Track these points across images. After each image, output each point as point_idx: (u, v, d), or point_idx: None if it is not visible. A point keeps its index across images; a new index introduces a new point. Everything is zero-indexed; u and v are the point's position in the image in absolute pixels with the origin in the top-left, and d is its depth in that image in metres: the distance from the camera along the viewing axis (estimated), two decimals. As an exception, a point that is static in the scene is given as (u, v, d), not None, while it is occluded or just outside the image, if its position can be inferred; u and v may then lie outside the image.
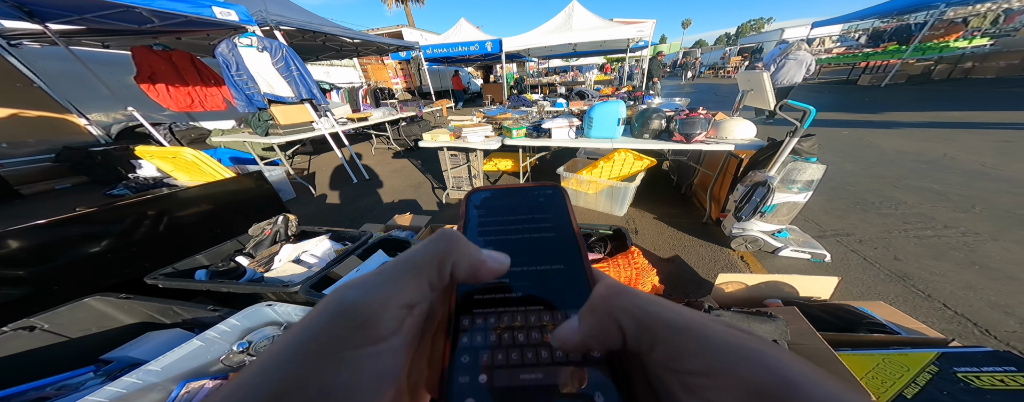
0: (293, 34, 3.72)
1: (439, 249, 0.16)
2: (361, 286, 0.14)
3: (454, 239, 0.17)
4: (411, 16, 24.38)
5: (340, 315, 0.13)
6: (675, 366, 0.13)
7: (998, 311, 1.41)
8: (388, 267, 0.15)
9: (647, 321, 0.14)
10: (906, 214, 2.27)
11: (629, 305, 0.14)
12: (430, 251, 0.16)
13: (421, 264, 0.15)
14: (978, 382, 0.78)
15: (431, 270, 0.15)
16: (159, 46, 3.82)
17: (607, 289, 0.15)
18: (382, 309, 0.13)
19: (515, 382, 0.15)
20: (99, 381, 0.94)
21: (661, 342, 0.13)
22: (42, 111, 4.36)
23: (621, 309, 0.14)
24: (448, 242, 0.16)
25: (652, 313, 0.14)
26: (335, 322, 0.13)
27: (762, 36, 24.57)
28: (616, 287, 0.15)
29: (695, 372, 0.12)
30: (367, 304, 0.13)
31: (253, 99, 3.14)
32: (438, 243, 0.16)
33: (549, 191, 0.25)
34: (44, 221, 1.26)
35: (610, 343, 0.15)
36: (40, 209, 3.56)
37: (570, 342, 0.15)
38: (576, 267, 0.20)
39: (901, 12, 9.04)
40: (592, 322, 0.15)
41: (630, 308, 0.14)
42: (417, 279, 0.15)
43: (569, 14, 6.64)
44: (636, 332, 0.14)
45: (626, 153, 2.28)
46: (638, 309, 0.14)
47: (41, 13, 2.75)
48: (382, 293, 0.14)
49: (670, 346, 0.13)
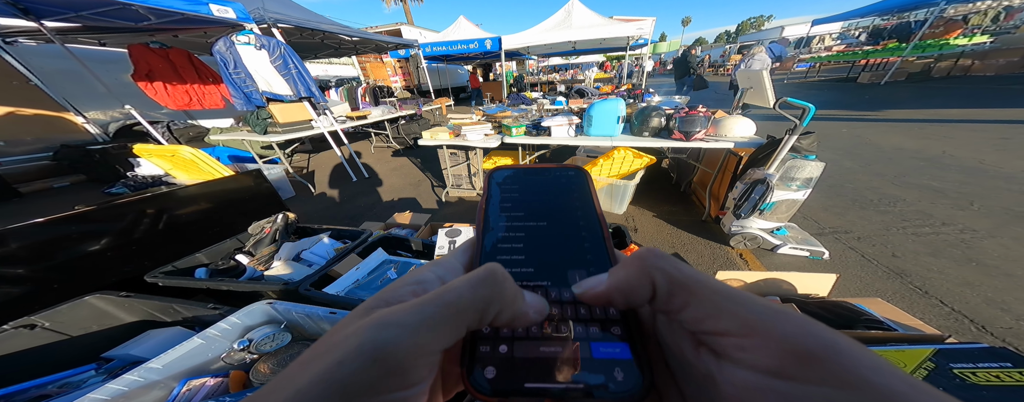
0: (291, 32, 3.69)
1: (483, 295, 0.14)
2: (397, 326, 0.13)
3: (501, 286, 0.15)
4: (410, 14, 24.26)
5: (375, 360, 0.12)
6: (709, 326, 0.13)
7: (995, 307, 1.42)
8: (428, 305, 0.14)
9: (682, 279, 0.14)
10: (904, 211, 2.28)
11: (664, 264, 0.15)
12: (476, 298, 0.14)
13: (464, 309, 0.14)
14: (974, 378, 0.79)
15: (473, 317, 0.14)
16: (156, 44, 3.80)
17: (643, 249, 0.16)
18: (419, 356, 0.12)
19: (535, 354, 0.15)
20: (100, 379, 0.95)
21: (697, 301, 0.13)
22: (39, 109, 4.34)
23: (655, 266, 0.15)
24: (493, 290, 0.15)
25: (687, 273, 0.14)
26: (368, 366, 0.12)
27: (762, 34, 24.50)
28: (652, 248, 0.16)
29: (730, 332, 0.12)
30: (403, 350, 0.12)
31: (251, 97, 3.13)
32: (484, 288, 0.15)
33: (572, 172, 0.24)
34: (43, 219, 1.26)
35: (638, 297, 0.15)
36: (39, 207, 3.55)
37: (594, 291, 0.16)
38: (600, 249, 0.20)
39: (901, 10, 9.01)
40: (623, 275, 0.15)
41: (664, 266, 0.14)
42: (457, 326, 0.14)
43: (569, 11, 6.61)
44: (668, 289, 0.14)
45: (626, 151, 2.28)
46: (673, 268, 0.14)
47: (37, 10, 2.73)
48: (421, 340, 0.13)
49: (706, 305, 0.13)
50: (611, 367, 0.15)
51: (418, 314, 0.13)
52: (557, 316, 0.17)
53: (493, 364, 0.15)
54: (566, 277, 0.18)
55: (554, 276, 0.18)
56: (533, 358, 0.15)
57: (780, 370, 0.11)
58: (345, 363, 0.12)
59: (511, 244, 0.20)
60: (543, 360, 0.15)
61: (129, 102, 3.57)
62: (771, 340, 0.11)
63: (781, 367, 0.11)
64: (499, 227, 0.21)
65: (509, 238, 0.20)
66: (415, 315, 0.13)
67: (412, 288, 0.16)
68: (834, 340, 0.11)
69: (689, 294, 0.13)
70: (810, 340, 0.11)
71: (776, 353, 0.11)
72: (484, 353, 0.15)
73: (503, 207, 0.22)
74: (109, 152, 4.19)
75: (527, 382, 0.14)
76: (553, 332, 0.16)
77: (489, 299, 0.14)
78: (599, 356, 0.15)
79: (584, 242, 0.20)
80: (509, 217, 0.21)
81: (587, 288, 0.16)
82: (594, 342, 0.16)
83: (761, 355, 0.11)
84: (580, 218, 0.21)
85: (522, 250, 0.20)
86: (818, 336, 0.11)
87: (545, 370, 0.15)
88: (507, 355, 0.15)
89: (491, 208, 0.22)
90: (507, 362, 0.15)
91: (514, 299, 0.15)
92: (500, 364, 0.15)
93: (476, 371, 0.15)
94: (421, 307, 0.13)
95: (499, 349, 0.15)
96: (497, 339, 0.16)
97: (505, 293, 0.15)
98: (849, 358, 0.11)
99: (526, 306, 0.16)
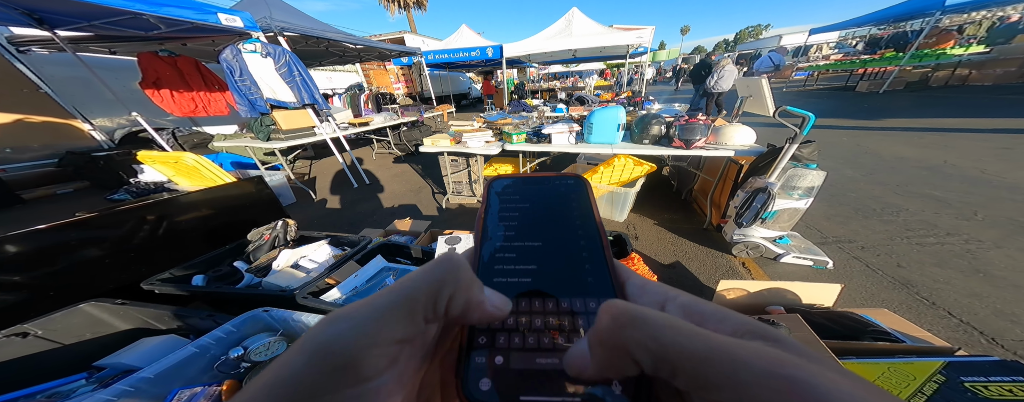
0: (297, 40, 3.77)
1: (435, 278, 0.14)
2: (345, 320, 0.13)
3: (454, 269, 0.15)
4: (413, 22, 24.75)
5: (317, 356, 0.12)
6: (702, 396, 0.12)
7: (1004, 319, 1.39)
8: (380, 297, 0.14)
9: (663, 353, 0.12)
10: (908, 221, 2.26)
11: (642, 337, 0.13)
12: (426, 282, 0.14)
13: (415, 296, 0.14)
14: (986, 392, 0.77)
15: (426, 303, 0.14)
16: (165, 52, 3.88)
17: (614, 320, 0.13)
18: (367, 348, 0.12)
19: (531, 365, 0.15)
20: (91, 388, 0.93)
21: (682, 373, 0.12)
22: (47, 116, 4.41)
23: (633, 342, 0.13)
24: (446, 272, 0.15)
25: (667, 344, 0.12)
26: (312, 364, 0.11)
27: (760, 42, 24.83)
28: (625, 316, 0.13)
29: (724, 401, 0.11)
30: (349, 343, 0.12)
31: (256, 104, 3.17)
32: (435, 272, 0.15)
33: (571, 181, 0.24)
34: (44, 226, 1.26)
35: (625, 373, 0.13)
36: (40, 214, 3.56)
37: (585, 373, 0.14)
38: (598, 259, 0.19)
39: (897, 19, 9.14)
40: (602, 355, 0.14)
41: (643, 341, 0.13)
42: (410, 313, 0.13)
43: (569, 20, 6.72)
44: (653, 366, 0.13)
45: (626, 158, 2.28)
46: (652, 341, 0.13)
47: (51, 20, 2.80)
48: (369, 329, 0.12)
49: (692, 378, 0.12)
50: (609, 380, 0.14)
51: (368, 306, 0.13)
52: (554, 327, 0.16)
53: (488, 376, 0.15)
54: (565, 287, 0.18)
55: (552, 286, 0.18)
56: (529, 370, 0.15)
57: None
58: (289, 363, 0.11)
59: (509, 253, 0.20)
60: (539, 372, 0.15)
61: (136, 109, 3.62)
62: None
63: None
64: (497, 236, 0.21)
65: (507, 247, 0.20)
66: (364, 307, 0.13)
67: None
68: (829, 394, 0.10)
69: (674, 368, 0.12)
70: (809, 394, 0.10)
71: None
72: (479, 364, 0.15)
73: (502, 216, 0.22)
74: (113, 159, 4.23)
75: (522, 394, 0.14)
76: (550, 344, 0.16)
77: (442, 281, 0.14)
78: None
79: (583, 251, 0.20)
80: (508, 227, 0.21)
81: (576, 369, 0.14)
82: None
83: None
84: (579, 227, 0.21)
85: (520, 259, 0.20)
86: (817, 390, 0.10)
87: (541, 382, 0.15)
88: (503, 366, 0.15)
89: (490, 217, 0.22)
90: (503, 374, 0.15)
91: (469, 285, 0.15)
92: (495, 376, 0.15)
93: (471, 382, 0.15)
94: (373, 300, 0.13)
95: (495, 360, 0.15)
96: (493, 350, 0.16)
97: (459, 277, 0.15)
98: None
99: (482, 294, 0.15)
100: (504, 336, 0.16)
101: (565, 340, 0.16)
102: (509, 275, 0.19)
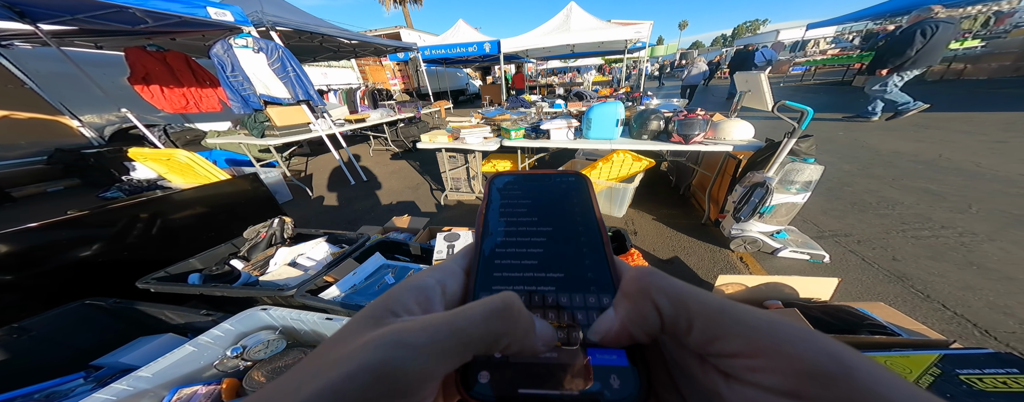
0: (290, 35, 3.70)
1: (498, 330, 0.14)
2: (407, 347, 0.12)
3: (516, 321, 0.14)
4: (409, 17, 24.40)
5: (382, 379, 0.11)
6: (715, 348, 0.13)
7: (997, 312, 1.42)
8: (441, 331, 0.13)
9: (684, 300, 0.13)
10: (903, 214, 2.28)
11: (664, 284, 0.14)
12: (488, 330, 0.14)
13: (476, 340, 0.13)
14: (981, 384, 0.78)
15: (482, 348, 0.14)
16: (153, 47, 3.79)
17: (639, 271, 0.15)
18: (426, 380, 0.12)
19: (530, 359, 0.15)
20: (89, 388, 0.92)
21: (700, 323, 0.13)
22: (34, 113, 4.31)
23: (656, 288, 0.14)
24: (507, 325, 0.14)
25: (687, 293, 0.13)
26: (374, 385, 0.11)
27: (758, 37, 24.76)
28: (647, 269, 0.15)
29: (738, 353, 0.12)
30: (410, 372, 0.12)
31: (249, 100, 3.12)
32: (499, 322, 0.14)
33: (572, 178, 0.25)
34: (35, 224, 1.23)
35: (650, 328, 0.14)
36: (31, 212, 3.51)
37: (611, 332, 0.15)
38: (599, 255, 0.20)
39: (894, 14, 9.14)
40: (629, 307, 0.15)
41: (665, 287, 0.14)
42: (465, 353, 0.13)
43: (567, 15, 6.65)
44: (673, 313, 0.13)
45: (625, 154, 2.27)
46: (673, 289, 0.14)
47: (32, 13, 2.71)
48: (429, 363, 0.12)
49: (709, 326, 0.13)
50: (608, 374, 0.15)
51: (430, 338, 0.13)
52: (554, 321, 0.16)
53: (488, 369, 0.15)
54: (564, 282, 0.18)
55: (553, 282, 0.18)
56: (529, 364, 0.15)
57: (794, 391, 0.11)
58: (353, 378, 0.11)
59: (510, 250, 0.20)
60: (539, 366, 0.15)
61: (125, 105, 3.55)
62: (782, 361, 0.11)
63: (795, 388, 0.11)
64: (498, 232, 0.21)
65: (508, 243, 0.20)
66: (427, 338, 0.13)
67: (415, 295, 0.16)
68: (849, 358, 0.11)
69: (691, 316, 0.13)
70: (824, 359, 0.11)
71: (789, 374, 0.11)
72: (479, 358, 0.15)
73: (503, 213, 0.22)
74: (104, 156, 4.16)
75: (522, 388, 0.14)
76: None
77: (501, 333, 0.14)
78: (596, 363, 0.15)
79: (583, 247, 0.20)
80: (509, 223, 0.22)
81: (603, 332, 0.15)
82: (591, 348, 0.15)
83: (773, 376, 0.11)
84: (580, 223, 0.21)
85: (521, 255, 0.20)
86: (832, 355, 0.11)
87: (541, 376, 0.15)
88: (502, 360, 0.15)
89: (491, 213, 0.22)
90: (502, 367, 0.15)
91: (526, 333, 0.15)
92: (495, 369, 0.15)
93: (471, 376, 0.15)
94: (434, 331, 0.13)
95: (495, 354, 0.15)
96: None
97: (518, 329, 0.14)
98: (866, 377, 0.10)
99: (536, 339, 0.15)
100: None
101: (565, 335, 0.16)
102: (509, 270, 0.19)
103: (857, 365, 0.11)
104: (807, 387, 0.11)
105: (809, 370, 0.11)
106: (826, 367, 0.11)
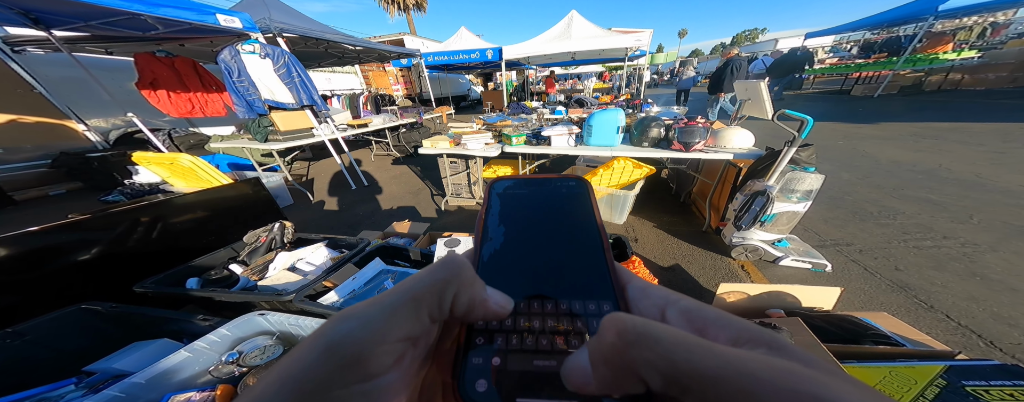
0: (296, 41, 3.76)
1: (440, 278, 0.15)
2: (354, 318, 0.13)
3: (458, 269, 0.15)
4: (413, 24, 24.81)
5: (328, 352, 0.12)
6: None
7: (1002, 323, 1.40)
8: (387, 296, 0.14)
9: (674, 374, 0.11)
10: (905, 224, 2.27)
11: (651, 357, 0.12)
12: (430, 281, 0.15)
13: (421, 295, 0.14)
14: (987, 396, 0.76)
15: (432, 301, 0.14)
16: (162, 52, 3.85)
17: (620, 336, 0.12)
18: (375, 344, 0.12)
19: (528, 367, 0.15)
20: (80, 394, 0.91)
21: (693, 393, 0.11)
22: (41, 117, 4.36)
23: (642, 362, 0.12)
24: (450, 272, 0.15)
25: (679, 364, 0.11)
26: (323, 360, 0.12)
27: (757, 46, 25.05)
28: (632, 332, 0.12)
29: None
30: (358, 340, 0.12)
31: (254, 105, 3.15)
32: (440, 272, 0.15)
33: (573, 183, 0.24)
34: (36, 228, 1.24)
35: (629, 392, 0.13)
36: (32, 215, 3.52)
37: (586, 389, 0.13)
38: (599, 261, 0.19)
39: (891, 24, 9.26)
40: (606, 374, 0.13)
41: (653, 360, 0.12)
42: (416, 312, 0.14)
43: (568, 23, 6.76)
44: (663, 385, 0.12)
45: (625, 161, 2.28)
46: (662, 361, 0.12)
47: (46, 20, 2.77)
48: (377, 327, 0.13)
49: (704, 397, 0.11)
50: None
51: (376, 305, 0.13)
52: (552, 329, 0.16)
53: (485, 377, 0.15)
54: (564, 289, 0.18)
55: (552, 288, 0.18)
56: (526, 372, 0.15)
57: None
58: (301, 359, 0.12)
59: (509, 255, 0.20)
60: (536, 374, 0.15)
61: (132, 110, 3.59)
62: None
63: None
64: (498, 237, 0.21)
65: (508, 249, 0.20)
66: (373, 306, 0.13)
67: None
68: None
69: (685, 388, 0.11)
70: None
71: None
72: (476, 365, 0.15)
73: (503, 218, 0.22)
74: (108, 159, 4.19)
75: (519, 396, 0.14)
76: (548, 346, 0.16)
77: (446, 281, 0.15)
78: None
79: (584, 254, 0.20)
80: (508, 228, 0.21)
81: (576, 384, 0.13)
82: None
83: None
84: (580, 229, 0.21)
85: (521, 261, 0.20)
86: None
87: (537, 384, 0.14)
88: (499, 368, 0.15)
89: (490, 218, 0.22)
90: (499, 375, 0.15)
91: (472, 283, 0.15)
92: (492, 377, 0.15)
93: (467, 383, 0.15)
94: (380, 299, 0.14)
95: (492, 362, 0.15)
96: (491, 351, 0.16)
97: (462, 275, 0.15)
98: None
99: (485, 292, 0.16)
100: (502, 337, 0.16)
101: (564, 343, 0.16)
102: (509, 276, 0.19)
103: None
104: None
105: None
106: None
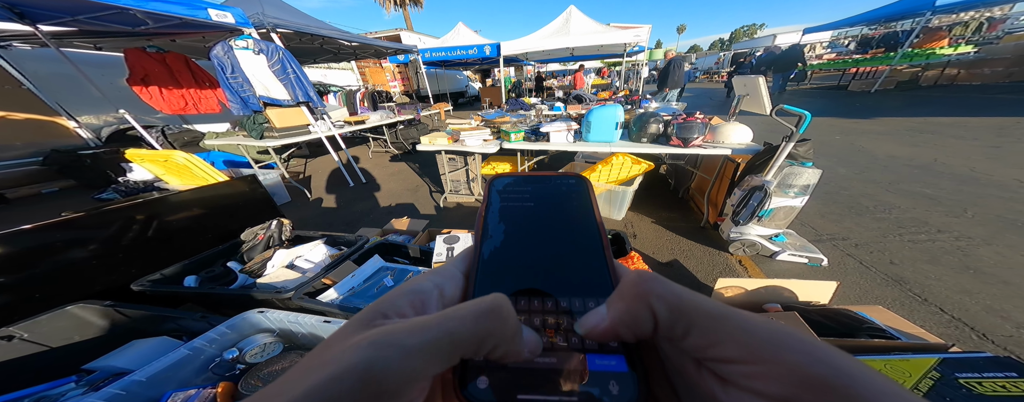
0: (290, 37, 3.70)
1: (483, 327, 0.14)
2: (394, 347, 0.12)
3: (502, 322, 0.14)
4: (409, 20, 24.52)
5: (371, 380, 0.11)
6: (713, 354, 0.13)
7: (994, 315, 1.42)
8: (429, 330, 0.13)
9: (682, 307, 0.13)
10: (900, 218, 2.29)
11: (663, 291, 0.14)
12: (474, 328, 0.14)
13: (461, 340, 0.13)
14: (980, 388, 0.78)
15: (469, 349, 0.14)
16: (153, 48, 3.78)
17: (639, 275, 0.15)
18: (413, 381, 0.12)
19: (529, 364, 0.15)
20: (81, 392, 0.90)
21: (698, 329, 0.13)
22: (30, 114, 4.28)
23: (655, 295, 0.14)
24: (495, 323, 0.14)
25: (687, 300, 0.13)
26: (364, 386, 0.11)
27: (755, 42, 25.04)
28: (647, 274, 0.15)
29: (736, 360, 0.12)
30: (399, 373, 0.12)
31: (248, 102, 3.11)
32: (487, 322, 0.14)
33: (573, 180, 0.24)
34: (29, 226, 1.22)
35: (641, 330, 0.14)
36: (25, 213, 3.47)
37: (599, 328, 0.15)
38: (598, 258, 0.19)
39: (888, 19, 9.26)
40: (622, 308, 0.15)
41: (664, 294, 0.14)
42: (452, 354, 0.13)
43: (567, 19, 6.69)
44: (670, 318, 0.13)
45: (624, 157, 2.28)
46: (672, 295, 0.14)
47: (32, 14, 2.71)
48: (416, 364, 0.12)
49: (708, 333, 0.13)
50: (607, 379, 0.14)
51: (418, 338, 0.13)
52: (553, 326, 0.16)
53: (486, 374, 0.15)
54: (564, 286, 0.18)
55: (552, 285, 0.18)
56: (528, 369, 0.15)
57: (791, 398, 0.11)
58: (340, 379, 0.11)
59: (509, 252, 0.20)
60: (538, 371, 0.15)
61: (124, 106, 3.54)
62: (780, 368, 0.11)
63: (792, 395, 0.11)
64: (498, 235, 0.21)
65: (508, 246, 0.20)
66: (415, 338, 0.13)
67: (410, 298, 0.16)
68: (848, 367, 0.11)
69: (690, 322, 0.13)
70: (822, 368, 0.11)
71: (786, 381, 0.11)
72: (478, 362, 0.15)
73: (503, 215, 0.22)
74: (100, 157, 4.13)
75: (520, 393, 0.14)
76: (548, 343, 0.16)
77: (490, 333, 0.14)
78: (595, 368, 0.15)
79: (583, 251, 0.20)
80: (508, 225, 0.21)
81: (590, 327, 0.15)
82: (590, 353, 0.15)
83: (770, 383, 0.11)
84: (580, 227, 0.21)
85: (521, 258, 0.20)
86: (831, 363, 0.11)
87: (540, 381, 0.15)
88: (501, 365, 0.15)
89: (490, 216, 0.22)
90: (501, 372, 0.15)
91: (513, 337, 0.15)
92: (493, 374, 0.15)
93: (469, 380, 0.14)
94: (422, 331, 0.13)
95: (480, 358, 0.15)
96: None
97: (506, 330, 0.14)
98: (864, 386, 0.10)
99: (521, 345, 0.15)
100: None
101: (563, 339, 0.16)
102: (509, 273, 0.19)
103: (855, 374, 0.11)
104: (804, 395, 0.11)
105: (806, 378, 0.11)
106: (824, 375, 0.10)
